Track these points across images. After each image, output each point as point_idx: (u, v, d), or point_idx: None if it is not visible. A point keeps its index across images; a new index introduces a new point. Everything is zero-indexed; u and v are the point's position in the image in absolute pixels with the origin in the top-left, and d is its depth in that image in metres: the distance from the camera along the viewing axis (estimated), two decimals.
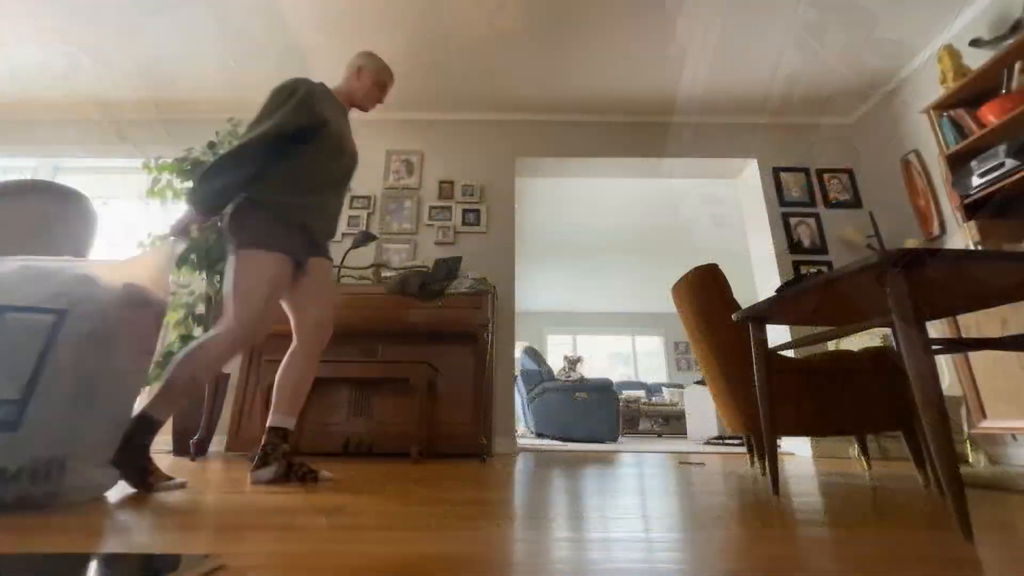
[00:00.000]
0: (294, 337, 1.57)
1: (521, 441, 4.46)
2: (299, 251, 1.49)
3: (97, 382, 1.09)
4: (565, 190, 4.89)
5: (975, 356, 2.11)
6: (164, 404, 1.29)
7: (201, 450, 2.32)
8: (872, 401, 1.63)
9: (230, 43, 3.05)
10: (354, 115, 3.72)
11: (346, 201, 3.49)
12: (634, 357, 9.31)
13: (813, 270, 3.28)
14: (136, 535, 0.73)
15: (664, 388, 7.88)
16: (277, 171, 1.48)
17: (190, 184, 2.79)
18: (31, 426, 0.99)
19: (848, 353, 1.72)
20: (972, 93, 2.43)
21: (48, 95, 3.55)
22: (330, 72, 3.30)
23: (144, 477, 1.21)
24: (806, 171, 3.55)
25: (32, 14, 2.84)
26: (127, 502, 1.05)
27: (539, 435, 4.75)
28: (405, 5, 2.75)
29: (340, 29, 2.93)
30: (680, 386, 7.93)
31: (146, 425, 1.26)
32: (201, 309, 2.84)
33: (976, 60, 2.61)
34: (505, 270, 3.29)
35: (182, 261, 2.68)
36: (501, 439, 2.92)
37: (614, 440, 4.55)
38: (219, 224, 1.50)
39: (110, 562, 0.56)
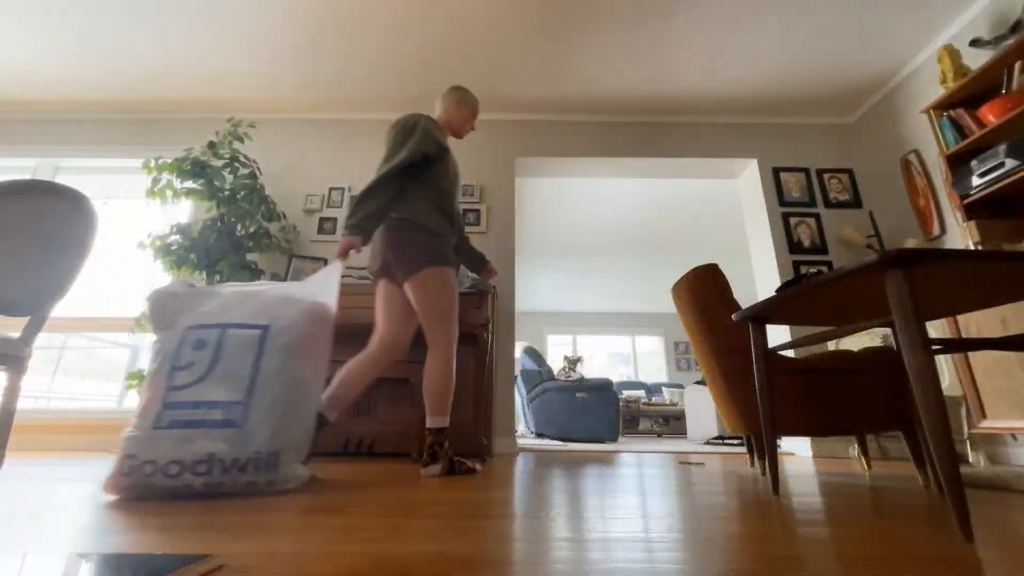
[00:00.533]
0: (372, 341, 1.75)
1: (521, 441, 4.46)
2: (454, 264, 1.74)
3: (293, 386, 1.28)
4: (565, 190, 4.89)
5: (975, 356, 2.11)
6: (442, 417, 1.63)
7: None
8: (872, 401, 1.63)
9: (231, 43, 3.05)
10: (352, 115, 3.73)
11: (346, 201, 3.49)
12: (634, 357, 9.32)
13: (813, 270, 3.28)
14: (136, 535, 0.73)
15: (664, 388, 7.88)
16: (415, 193, 1.71)
17: (191, 184, 2.79)
18: (253, 424, 1.18)
19: (848, 353, 1.72)
20: (972, 93, 2.43)
21: (48, 95, 3.55)
22: (331, 71, 3.30)
23: (460, 468, 1.61)
24: (806, 171, 3.55)
25: (33, 13, 2.84)
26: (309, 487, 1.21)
27: (539, 435, 4.75)
28: (405, 5, 2.76)
29: (340, 29, 2.93)
30: (680, 386, 7.93)
31: (442, 432, 1.63)
32: None
33: (976, 60, 2.61)
34: (505, 270, 3.29)
35: (182, 261, 2.68)
36: (501, 439, 2.92)
37: (614, 440, 4.55)
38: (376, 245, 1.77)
39: (110, 562, 0.56)
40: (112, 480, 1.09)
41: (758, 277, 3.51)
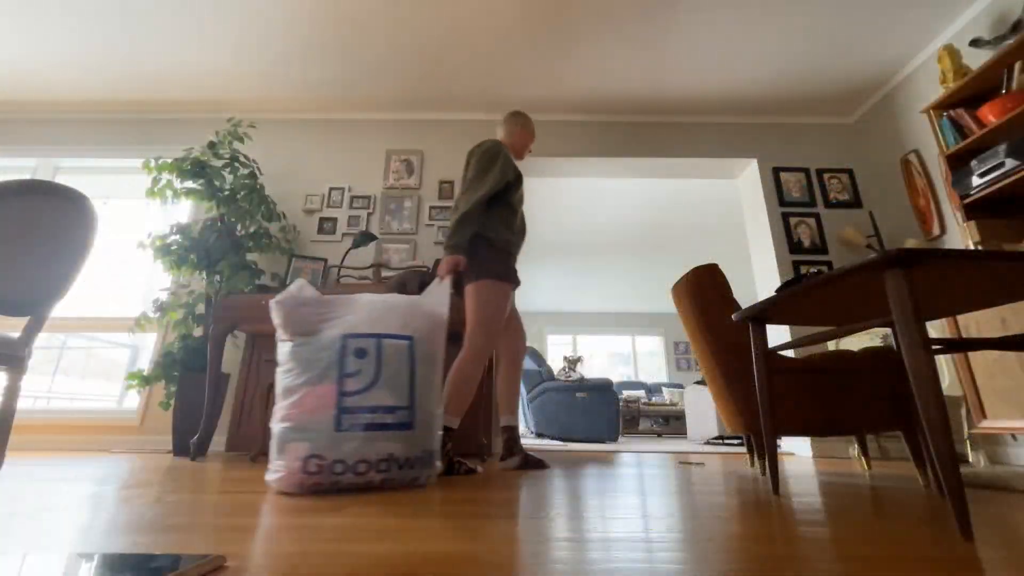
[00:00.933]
0: (498, 354, 1.99)
1: (521, 441, 4.46)
2: (515, 281, 1.90)
3: (435, 391, 1.43)
4: (565, 190, 4.89)
5: (975, 356, 2.11)
6: (453, 416, 1.73)
7: (201, 450, 2.32)
8: (872, 401, 1.63)
9: (231, 44, 3.05)
10: (352, 115, 3.73)
11: (346, 200, 3.50)
12: (634, 357, 9.32)
13: (813, 270, 3.28)
14: (136, 535, 0.73)
15: (664, 388, 7.88)
16: (491, 212, 1.89)
17: (191, 184, 2.79)
18: (418, 426, 1.34)
19: (848, 353, 1.72)
20: (972, 93, 2.43)
21: (48, 95, 3.55)
22: (330, 71, 3.30)
23: (452, 468, 1.68)
24: (806, 171, 3.55)
25: (33, 13, 2.84)
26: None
27: (539, 435, 4.75)
28: (405, 6, 2.75)
29: (340, 29, 2.93)
30: (680, 386, 7.93)
31: (447, 432, 1.71)
32: (201, 309, 2.84)
33: (976, 60, 2.61)
34: None
35: (182, 261, 2.68)
36: (501, 439, 2.91)
37: (614, 440, 4.55)
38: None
39: (110, 562, 0.56)
40: (294, 478, 1.17)
41: (758, 277, 3.51)
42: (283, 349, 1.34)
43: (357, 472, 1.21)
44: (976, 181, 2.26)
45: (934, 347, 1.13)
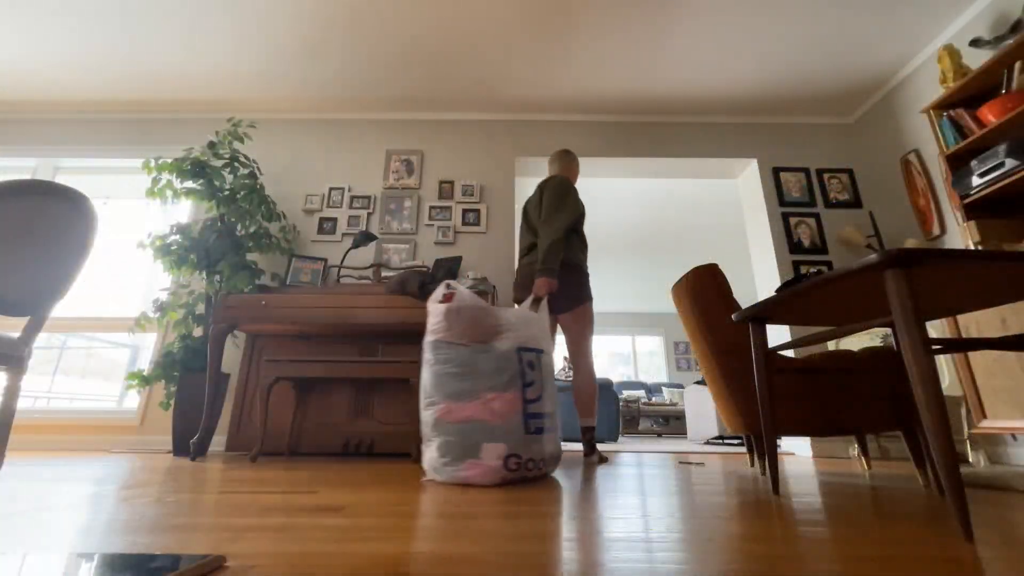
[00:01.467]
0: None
1: None
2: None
3: (553, 402, 1.61)
4: None
5: (975, 356, 2.11)
6: (593, 418, 2.19)
7: (201, 450, 2.32)
8: (872, 401, 1.63)
9: (231, 43, 3.05)
10: (352, 115, 3.74)
11: (346, 200, 3.50)
12: (634, 357, 9.31)
13: (813, 270, 3.28)
14: (136, 535, 0.73)
15: (664, 388, 7.88)
16: (573, 241, 2.21)
17: (190, 184, 2.79)
18: (555, 429, 1.59)
19: (848, 353, 1.72)
20: (972, 93, 2.42)
21: (48, 95, 3.55)
22: (330, 71, 3.30)
23: (602, 458, 2.19)
24: (806, 171, 3.55)
25: (33, 13, 2.84)
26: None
27: None
28: (405, 5, 2.75)
29: (340, 29, 2.93)
30: (680, 386, 7.93)
31: (592, 430, 2.21)
32: (201, 309, 2.84)
33: (976, 60, 2.61)
34: (505, 270, 3.29)
35: (182, 261, 2.68)
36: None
37: (614, 440, 4.55)
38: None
39: (110, 562, 0.56)
40: (497, 475, 1.37)
41: (758, 277, 3.51)
42: (451, 352, 1.47)
43: (539, 468, 1.47)
44: (976, 181, 2.26)
45: (934, 347, 1.13)
